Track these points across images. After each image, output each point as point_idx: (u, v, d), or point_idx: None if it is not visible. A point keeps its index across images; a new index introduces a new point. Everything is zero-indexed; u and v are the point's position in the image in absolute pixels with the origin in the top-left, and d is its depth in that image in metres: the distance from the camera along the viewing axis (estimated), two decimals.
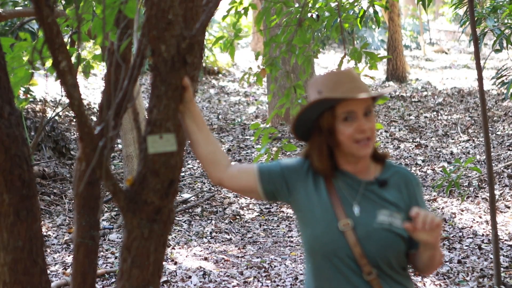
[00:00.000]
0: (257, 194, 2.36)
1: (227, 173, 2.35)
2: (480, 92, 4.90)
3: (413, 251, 2.30)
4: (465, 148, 9.60)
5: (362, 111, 2.23)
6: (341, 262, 2.22)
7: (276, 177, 2.34)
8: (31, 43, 2.72)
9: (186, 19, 2.47)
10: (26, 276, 2.36)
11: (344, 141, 2.24)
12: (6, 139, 2.27)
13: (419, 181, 2.36)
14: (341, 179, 2.29)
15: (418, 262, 2.28)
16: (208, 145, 2.35)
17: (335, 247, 2.22)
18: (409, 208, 2.28)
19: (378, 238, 2.21)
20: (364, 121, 2.23)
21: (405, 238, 2.26)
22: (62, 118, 10.57)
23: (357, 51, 3.86)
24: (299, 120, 2.30)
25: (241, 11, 3.90)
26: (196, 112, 2.33)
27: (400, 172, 2.33)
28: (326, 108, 2.25)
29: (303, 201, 2.30)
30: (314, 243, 2.25)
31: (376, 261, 2.21)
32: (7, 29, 9.10)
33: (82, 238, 2.91)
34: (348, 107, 2.23)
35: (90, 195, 2.92)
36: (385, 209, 2.25)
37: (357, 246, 2.20)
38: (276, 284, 5.74)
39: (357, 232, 2.22)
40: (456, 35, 20.37)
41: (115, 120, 2.68)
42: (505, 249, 5.93)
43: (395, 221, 2.24)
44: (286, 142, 3.75)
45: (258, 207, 8.16)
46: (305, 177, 2.32)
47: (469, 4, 4.80)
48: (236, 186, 2.37)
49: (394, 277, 2.26)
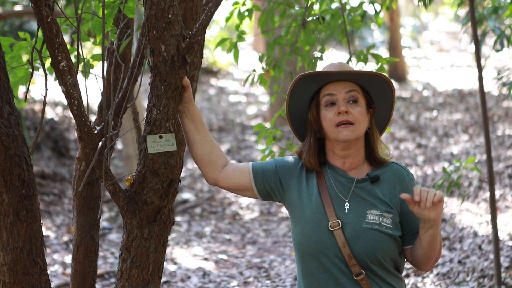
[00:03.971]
0: (252, 193, 2.36)
1: (222, 173, 2.36)
2: (480, 92, 4.89)
3: (409, 245, 2.29)
4: (465, 148, 9.60)
5: (343, 95, 2.26)
6: (329, 261, 2.22)
7: (270, 175, 2.34)
8: (31, 43, 2.72)
9: (186, 19, 2.46)
10: (26, 276, 2.35)
11: (327, 127, 2.27)
12: (6, 139, 2.27)
13: (413, 176, 2.34)
14: (333, 177, 2.29)
15: (417, 252, 2.25)
16: (205, 145, 2.35)
17: (324, 247, 2.21)
18: (401, 205, 2.27)
19: (367, 239, 2.20)
20: (344, 103, 2.25)
21: (396, 238, 2.25)
22: (61, 118, 10.57)
23: (363, 53, 3.85)
24: (293, 117, 2.36)
25: (244, 13, 3.87)
26: (194, 112, 2.33)
27: (393, 168, 2.32)
28: (312, 96, 2.31)
29: (295, 199, 2.30)
30: (303, 241, 2.25)
31: (365, 261, 2.20)
32: (6, 30, 9.10)
33: (82, 238, 2.91)
34: (329, 90, 2.27)
35: (90, 195, 2.92)
36: (375, 208, 2.24)
37: (345, 246, 2.19)
38: (276, 284, 5.74)
39: (346, 232, 2.21)
40: (456, 35, 20.38)
41: (115, 120, 2.68)
42: (505, 249, 5.92)
43: (384, 221, 2.23)
44: (290, 143, 3.74)
45: (258, 207, 8.16)
46: (299, 175, 2.33)
47: (470, 4, 4.79)
48: (231, 186, 2.38)
49: (384, 278, 2.24)
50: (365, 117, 2.28)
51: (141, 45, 2.68)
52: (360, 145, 2.30)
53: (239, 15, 3.88)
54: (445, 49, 19.33)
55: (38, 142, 8.52)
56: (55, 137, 9.19)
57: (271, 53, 3.94)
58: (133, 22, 2.93)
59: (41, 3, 2.10)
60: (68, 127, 10.21)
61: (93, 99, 4.72)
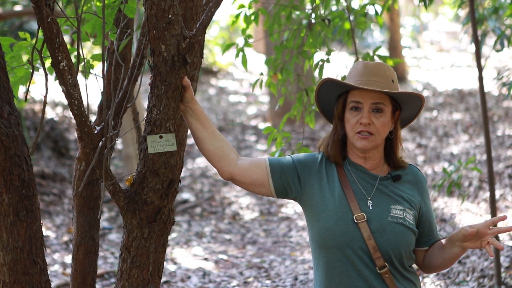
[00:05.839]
0: (268, 189, 2.32)
1: (238, 167, 2.32)
2: (480, 92, 4.89)
3: (423, 247, 2.32)
4: (465, 148, 9.59)
5: (369, 105, 2.26)
6: (354, 254, 2.22)
7: (288, 170, 2.32)
8: (31, 43, 2.72)
9: (186, 19, 2.47)
10: (26, 276, 2.35)
11: (348, 130, 2.29)
12: (6, 139, 2.27)
13: (426, 180, 2.40)
14: (354, 172, 2.31)
15: (434, 260, 2.29)
16: (215, 140, 2.31)
17: (349, 239, 2.22)
18: (420, 205, 2.31)
19: (393, 231, 2.22)
20: (367, 115, 2.25)
21: (416, 234, 2.28)
22: (61, 118, 10.57)
23: (369, 56, 3.85)
24: (320, 101, 2.37)
25: (251, 17, 3.85)
26: (198, 110, 2.31)
27: (412, 170, 2.38)
28: (341, 94, 2.31)
29: (316, 194, 2.29)
30: (327, 235, 2.24)
31: (389, 254, 2.22)
32: (6, 30, 9.10)
33: (82, 238, 2.91)
34: (356, 97, 2.27)
35: (90, 195, 2.92)
36: (398, 204, 2.27)
37: (371, 239, 2.21)
38: (276, 284, 5.74)
39: (371, 225, 2.22)
40: (456, 35, 20.36)
41: (115, 120, 2.68)
42: (505, 249, 5.92)
43: (408, 216, 2.26)
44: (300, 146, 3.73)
45: (258, 207, 8.16)
46: (319, 170, 2.32)
47: (470, 4, 4.79)
48: (247, 180, 2.33)
49: (403, 273, 2.27)
50: (388, 125, 2.30)
51: (141, 45, 2.68)
52: (379, 149, 2.33)
53: (245, 19, 3.86)
54: (445, 49, 19.32)
55: (38, 142, 8.51)
56: (55, 137, 9.19)
57: (278, 57, 3.93)
58: (133, 22, 2.93)
59: (41, 3, 2.10)
60: (68, 127, 10.20)
61: (93, 99, 4.72)
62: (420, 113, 2.40)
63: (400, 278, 2.25)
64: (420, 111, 2.38)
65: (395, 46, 14.65)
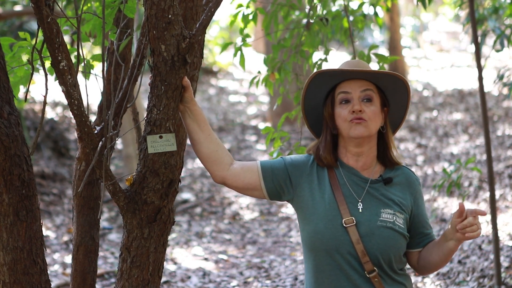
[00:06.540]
0: (260, 192, 2.34)
1: (230, 172, 2.33)
2: (480, 92, 4.89)
3: (416, 249, 2.32)
4: (465, 148, 9.59)
5: (358, 93, 2.27)
6: (342, 258, 2.22)
7: (280, 173, 2.33)
8: (31, 43, 2.72)
9: (186, 19, 2.46)
10: (26, 276, 2.35)
11: (340, 124, 2.28)
12: (6, 139, 2.27)
13: (420, 181, 2.38)
14: (345, 175, 2.30)
15: (430, 258, 2.29)
16: (210, 144, 2.32)
17: (337, 243, 2.22)
18: (411, 208, 2.30)
19: (381, 236, 2.22)
20: (358, 102, 2.26)
21: (407, 238, 2.28)
22: (61, 118, 10.57)
23: (365, 55, 3.85)
24: (308, 111, 2.36)
25: (248, 16, 3.85)
26: (197, 111, 2.31)
27: (404, 172, 2.36)
28: (327, 94, 2.32)
29: (307, 197, 2.30)
30: (316, 239, 2.25)
31: (377, 259, 2.22)
32: (6, 30, 9.09)
33: (82, 238, 2.91)
34: (344, 88, 2.28)
35: (90, 195, 2.92)
36: (388, 208, 2.26)
37: (359, 243, 2.21)
38: (276, 284, 5.74)
39: (360, 229, 2.22)
40: (456, 35, 20.36)
41: (115, 120, 2.68)
42: (505, 249, 5.92)
43: (398, 220, 2.25)
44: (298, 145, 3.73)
45: (258, 207, 8.16)
46: (310, 173, 2.33)
47: (470, 4, 4.79)
48: (239, 185, 2.34)
49: (393, 277, 2.26)
50: (379, 116, 2.29)
51: (141, 45, 2.68)
52: (373, 143, 2.32)
53: (244, 18, 3.86)
54: (445, 49, 19.32)
55: (38, 142, 8.51)
56: (55, 137, 9.19)
57: (276, 56, 3.93)
58: (133, 22, 2.93)
59: (41, 3, 2.10)
60: (68, 127, 10.20)
61: (93, 99, 4.71)
62: (408, 109, 2.38)
63: (389, 282, 2.24)
64: (407, 107, 2.36)
65: (395, 46, 14.65)
